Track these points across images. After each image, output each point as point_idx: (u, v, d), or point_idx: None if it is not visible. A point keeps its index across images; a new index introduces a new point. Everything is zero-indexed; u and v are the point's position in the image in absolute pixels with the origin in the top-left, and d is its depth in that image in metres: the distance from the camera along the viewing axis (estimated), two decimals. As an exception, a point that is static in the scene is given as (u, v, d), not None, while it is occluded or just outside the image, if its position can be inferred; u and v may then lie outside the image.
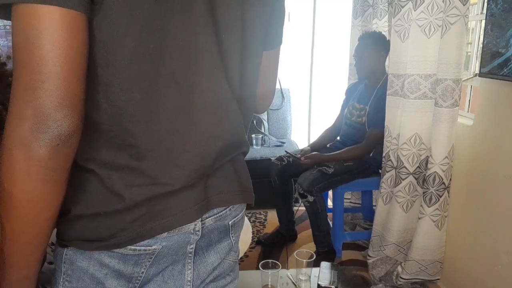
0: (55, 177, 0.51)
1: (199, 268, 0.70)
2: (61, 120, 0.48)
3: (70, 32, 0.48)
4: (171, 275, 0.67)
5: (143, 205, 0.60)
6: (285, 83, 3.38)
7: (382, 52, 2.29)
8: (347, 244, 2.48)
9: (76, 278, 0.61)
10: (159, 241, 0.62)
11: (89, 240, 0.59)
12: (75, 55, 0.49)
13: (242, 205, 0.75)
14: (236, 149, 0.71)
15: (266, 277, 1.45)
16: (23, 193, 0.50)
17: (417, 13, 1.83)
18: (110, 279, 0.61)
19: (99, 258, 0.60)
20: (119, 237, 0.59)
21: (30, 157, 0.48)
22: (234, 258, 0.77)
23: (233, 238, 0.75)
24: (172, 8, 0.56)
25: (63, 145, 0.50)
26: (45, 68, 0.47)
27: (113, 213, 0.58)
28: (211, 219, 0.68)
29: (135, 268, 0.62)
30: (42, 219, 0.54)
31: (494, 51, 1.57)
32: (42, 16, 0.47)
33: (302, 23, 3.40)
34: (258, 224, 2.81)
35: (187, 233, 0.65)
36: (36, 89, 0.47)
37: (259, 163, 2.87)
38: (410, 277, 2.02)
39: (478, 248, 1.79)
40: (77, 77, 0.50)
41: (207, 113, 0.63)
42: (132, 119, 0.57)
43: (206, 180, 0.66)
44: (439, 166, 1.85)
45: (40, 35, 0.47)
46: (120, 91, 0.55)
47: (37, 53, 0.47)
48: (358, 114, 2.40)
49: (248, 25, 0.66)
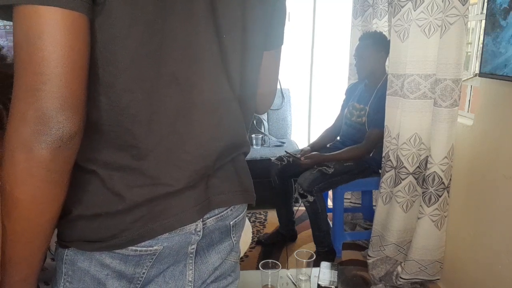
0: (56, 178, 0.51)
1: (200, 269, 0.70)
2: (63, 122, 0.48)
3: (72, 33, 0.48)
4: (172, 276, 0.67)
5: (144, 205, 0.60)
6: (285, 83, 3.38)
7: (382, 52, 2.29)
8: (347, 244, 2.48)
9: (77, 279, 0.61)
10: (160, 242, 0.62)
11: (90, 241, 0.59)
12: (77, 56, 0.49)
13: (243, 205, 0.75)
14: (237, 149, 0.71)
15: (266, 277, 1.45)
16: (25, 194, 0.50)
17: (417, 13, 1.83)
18: (111, 279, 0.61)
19: (100, 259, 0.60)
20: (120, 237, 0.59)
21: (32, 159, 0.48)
22: (235, 258, 0.77)
23: (234, 238, 0.75)
24: (173, 8, 0.56)
25: (64, 147, 0.49)
26: (47, 69, 0.47)
27: (114, 214, 0.59)
28: (212, 220, 0.68)
29: (136, 269, 0.62)
30: (43, 220, 0.54)
31: (494, 51, 1.57)
32: (43, 17, 0.46)
33: (302, 23, 3.40)
34: (258, 224, 2.81)
35: (188, 233, 0.65)
36: (37, 91, 0.47)
37: (259, 163, 2.87)
38: (410, 277, 2.02)
39: (478, 248, 1.79)
40: (79, 79, 0.50)
41: (207, 114, 0.63)
42: (134, 119, 0.57)
43: (207, 180, 0.66)
44: (439, 166, 1.85)
45: (42, 36, 0.47)
46: (121, 91, 0.55)
47: (38, 54, 0.47)
48: (358, 114, 2.40)
49: (249, 26, 0.66)
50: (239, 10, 0.63)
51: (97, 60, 0.53)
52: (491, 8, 1.58)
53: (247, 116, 0.74)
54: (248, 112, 0.75)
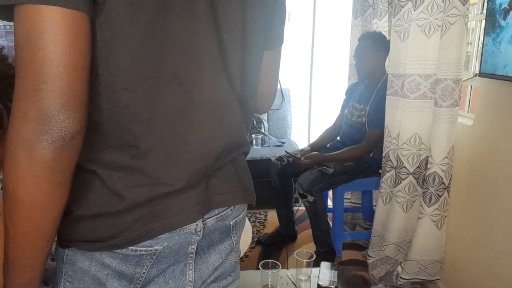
0: (59, 178, 0.51)
1: (200, 268, 0.70)
2: (64, 121, 0.48)
3: (73, 32, 0.48)
4: (173, 276, 0.67)
5: (144, 205, 0.60)
6: (285, 83, 3.38)
7: (382, 52, 2.29)
8: (347, 244, 2.48)
9: (77, 279, 0.61)
10: (160, 242, 0.62)
11: (90, 241, 0.59)
12: (78, 55, 0.49)
13: (244, 205, 0.75)
14: (237, 149, 0.71)
15: (266, 277, 1.45)
16: (27, 195, 0.50)
17: (417, 13, 1.83)
18: (112, 279, 0.61)
19: (100, 259, 0.60)
20: (120, 237, 0.59)
21: (34, 158, 0.48)
22: (235, 258, 0.77)
23: (235, 238, 0.75)
24: (174, 8, 0.56)
25: (67, 146, 0.49)
26: (48, 69, 0.47)
27: (114, 214, 0.58)
28: (213, 220, 0.68)
29: (137, 269, 0.62)
30: (45, 221, 0.54)
31: (494, 51, 1.57)
32: (44, 17, 0.46)
33: (302, 23, 3.40)
34: (258, 224, 2.81)
35: (188, 233, 0.65)
36: (39, 90, 0.47)
37: (259, 163, 2.87)
38: (410, 277, 2.02)
39: (478, 248, 1.79)
40: (81, 78, 0.50)
41: (207, 113, 0.63)
42: (134, 118, 0.57)
43: (207, 180, 0.66)
44: (439, 166, 1.85)
45: (43, 35, 0.47)
46: (121, 91, 0.55)
47: (40, 54, 0.47)
48: (358, 114, 2.40)
49: (249, 25, 0.66)
50: (239, 10, 0.64)
51: (97, 59, 0.53)
52: (491, 8, 1.58)
53: (247, 116, 0.73)
54: (249, 112, 0.75)
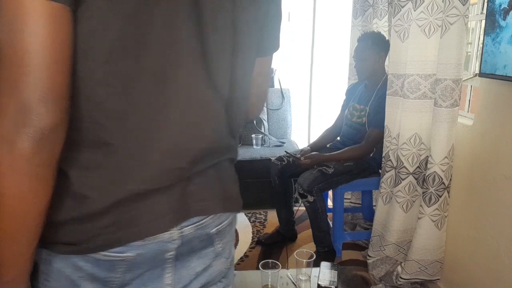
0: (40, 172, 0.50)
1: (180, 272, 0.67)
2: (44, 114, 0.48)
3: (54, 24, 0.47)
4: (150, 279, 0.65)
5: (113, 209, 0.58)
6: (285, 83, 3.38)
7: (382, 53, 2.29)
8: (347, 244, 2.48)
9: (54, 278, 0.60)
10: (133, 249, 0.60)
11: (64, 243, 0.58)
12: (59, 47, 0.48)
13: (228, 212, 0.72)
14: (221, 154, 0.68)
15: (266, 277, 1.45)
16: (8, 189, 0.50)
17: (417, 13, 1.83)
18: (85, 282, 0.60)
19: (74, 261, 0.59)
20: (90, 242, 0.57)
21: (13, 151, 0.48)
22: (226, 265, 0.74)
23: (219, 246, 0.71)
24: (157, 3, 0.54)
25: (46, 140, 0.49)
26: (29, 61, 0.47)
27: (84, 218, 0.57)
28: (191, 228, 0.65)
29: (110, 273, 0.60)
30: (29, 217, 0.53)
31: (494, 51, 1.57)
32: (26, 9, 0.46)
33: (302, 23, 3.40)
34: (258, 224, 2.81)
35: (162, 241, 0.62)
36: (18, 82, 0.47)
37: (259, 163, 2.86)
38: (410, 277, 2.02)
39: (478, 248, 1.79)
40: (61, 71, 0.49)
41: (183, 112, 0.60)
42: (108, 115, 0.55)
43: (184, 186, 0.63)
44: (439, 166, 1.85)
45: (24, 28, 0.46)
46: (97, 86, 0.54)
47: (20, 46, 0.46)
48: (359, 114, 2.40)
49: (240, 28, 0.64)
50: (229, 11, 0.62)
51: (74, 53, 0.52)
52: (491, 8, 1.58)
53: (235, 120, 0.70)
54: (238, 117, 0.71)
